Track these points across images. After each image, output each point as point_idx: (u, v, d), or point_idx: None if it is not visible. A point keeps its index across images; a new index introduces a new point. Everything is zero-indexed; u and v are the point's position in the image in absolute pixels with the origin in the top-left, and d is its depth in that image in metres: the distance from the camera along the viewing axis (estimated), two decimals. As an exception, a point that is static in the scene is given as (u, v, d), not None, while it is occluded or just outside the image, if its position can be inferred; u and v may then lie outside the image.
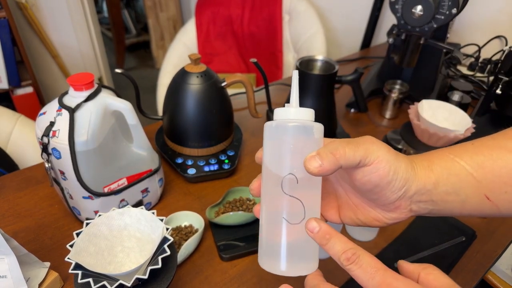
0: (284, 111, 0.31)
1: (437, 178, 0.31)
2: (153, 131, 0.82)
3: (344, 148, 0.28)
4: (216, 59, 1.81)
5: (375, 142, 0.30)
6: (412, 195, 0.31)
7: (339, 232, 0.29)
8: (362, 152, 0.29)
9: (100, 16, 3.38)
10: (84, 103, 0.53)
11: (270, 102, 0.84)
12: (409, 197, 0.31)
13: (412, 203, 0.32)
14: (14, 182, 0.71)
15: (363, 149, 0.29)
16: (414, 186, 0.31)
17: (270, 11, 1.66)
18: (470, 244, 0.62)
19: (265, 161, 0.32)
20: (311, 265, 0.31)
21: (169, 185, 0.72)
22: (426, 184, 0.31)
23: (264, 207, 0.33)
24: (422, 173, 0.31)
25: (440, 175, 0.31)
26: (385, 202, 0.32)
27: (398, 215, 0.33)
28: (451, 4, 0.81)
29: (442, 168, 0.31)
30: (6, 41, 1.62)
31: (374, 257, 0.27)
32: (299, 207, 0.31)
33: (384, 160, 0.29)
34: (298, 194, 0.30)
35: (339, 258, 0.27)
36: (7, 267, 0.45)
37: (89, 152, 0.53)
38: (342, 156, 0.28)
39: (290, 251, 0.31)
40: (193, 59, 0.70)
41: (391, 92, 0.95)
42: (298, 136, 0.31)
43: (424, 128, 0.64)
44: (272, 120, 0.32)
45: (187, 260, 0.58)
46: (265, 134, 0.32)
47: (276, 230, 0.31)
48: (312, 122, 0.31)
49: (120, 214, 0.45)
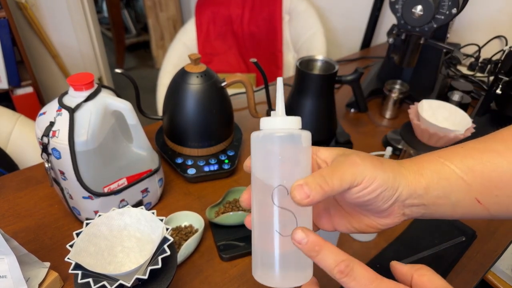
0: (270, 120, 0.30)
1: (428, 183, 0.30)
2: (153, 131, 0.82)
3: (332, 180, 0.28)
4: (216, 59, 1.81)
5: (359, 163, 0.29)
6: (404, 200, 0.31)
7: (328, 242, 0.28)
8: (349, 179, 0.28)
9: (100, 16, 3.38)
10: (84, 103, 0.53)
11: (270, 102, 0.84)
12: (401, 202, 0.31)
13: (405, 208, 0.31)
14: (14, 182, 0.71)
15: (350, 174, 0.28)
16: (405, 192, 0.30)
17: (270, 11, 1.66)
18: (470, 244, 0.62)
19: (254, 171, 0.31)
20: (306, 274, 0.31)
21: (169, 185, 0.72)
22: (417, 189, 0.30)
23: (255, 218, 0.32)
24: (412, 178, 0.31)
25: (430, 179, 0.31)
26: (378, 210, 0.31)
27: (392, 220, 0.32)
28: (451, 4, 0.81)
29: (432, 172, 0.31)
30: (6, 41, 1.62)
31: (368, 268, 0.26)
32: (291, 219, 0.30)
33: (371, 178, 0.29)
34: (289, 205, 0.29)
35: (331, 271, 0.26)
36: (7, 267, 0.45)
37: (89, 152, 0.53)
38: (330, 189, 0.27)
39: (284, 262, 0.30)
40: (193, 59, 0.70)
41: (391, 92, 0.95)
42: (285, 146, 0.30)
43: (424, 128, 0.64)
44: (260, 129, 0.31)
45: (187, 260, 0.58)
46: (252, 144, 0.31)
47: (268, 242, 0.30)
48: (299, 130, 0.30)
49: (120, 214, 0.45)
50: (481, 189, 0.30)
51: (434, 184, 0.30)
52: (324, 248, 0.27)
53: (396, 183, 0.30)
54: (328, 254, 0.27)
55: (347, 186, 0.28)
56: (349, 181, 0.28)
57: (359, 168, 0.29)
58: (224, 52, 1.81)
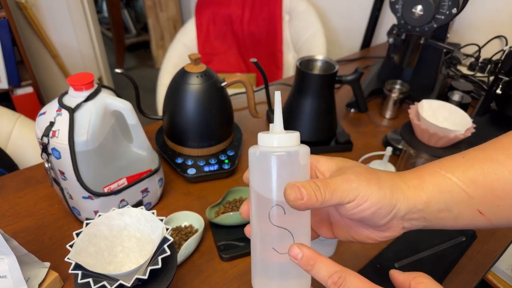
0: (268, 137, 0.30)
1: (429, 197, 0.30)
2: (153, 131, 0.82)
3: (325, 193, 0.28)
4: (216, 59, 1.81)
5: (352, 180, 0.29)
6: (403, 215, 0.31)
7: (322, 255, 0.28)
8: (339, 195, 0.28)
9: (100, 16, 3.38)
10: (84, 103, 0.53)
11: (270, 102, 0.84)
12: (400, 217, 0.31)
13: (404, 222, 0.31)
14: (14, 182, 0.71)
15: (341, 191, 0.28)
16: (404, 207, 0.30)
17: (270, 11, 1.66)
18: (470, 244, 0.62)
19: (252, 185, 0.31)
20: (305, 281, 0.31)
21: (169, 185, 0.72)
22: (417, 204, 0.30)
23: (254, 231, 0.32)
24: (412, 193, 0.31)
25: (432, 193, 0.30)
26: (376, 225, 0.31)
27: (391, 234, 0.32)
28: (451, 4, 0.81)
29: (434, 185, 0.31)
30: (6, 41, 1.62)
31: (361, 277, 0.27)
32: (288, 237, 0.30)
33: (365, 196, 0.29)
34: (286, 223, 0.30)
35: (326, 282, 0.27)
36: (7, 267, 0.45)
37: (89, 152, 0.53)
38: (321, 200, 0.28)
39: (282, 273, 0.31)
40: (193, 59, 0.70)
41: (391, 92, 0.95)
42: (282, 165, 0.29)
43: (424, 128, 0.64)
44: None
45: (187, 260, 0.58)
46: (250, 159, 0.31)
47: (266, 255, 0.31)
48: (297, 146, 0.30)
49: (120, 214, 0.45)
50: (483, 200, 0.30)
51: (435, 198, 0.30)
52: (318, 261, 0.28)
53: (394, 200, 0.30)
54: (322, 266, 0.28)
55: (337, 201, 0.28)
56: (339, 197, 0.28)
57: (352, 185, 0.29)
58: (224, 52, 1.81)
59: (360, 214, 0.29)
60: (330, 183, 0.29)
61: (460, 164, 0.31)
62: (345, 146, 0.84)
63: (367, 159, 0.77)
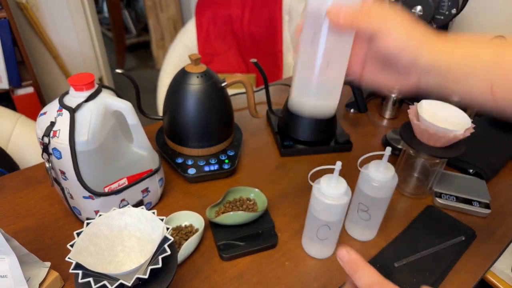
0: None
1: (455, 61, 0.37)
2: (153, 131, 0.82)
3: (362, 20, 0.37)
4: (216, 59, 1.81)
5: (387, 17, 0.37)
6: (423, 66, 0.37)
7: (367, 263, 0.30)
8: (375, 26, 0.37)
9: (100, 16, 3.38)
10: (84, 103, 0.53)
11: (270, 102, 0.84)
12: (419, 66, 0.37)
13: (422, 74, 0.38)
14: (15, 182, 0.71)
15: (377, 22, 0.37)
16: (424, 61, 0.37)
17: (270, 11, 1.66)
18: (470, 244, 0.62)
19: None
20: None
21: (169, 185, 0.72)
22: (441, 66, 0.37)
23: None
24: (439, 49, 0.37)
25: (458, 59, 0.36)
26: (399, 66, 0.39)
27: (407, 82, 0.40)
28: (451, 4, 0.81)
29: (463, 54, 0.36)
30: (6, 41, 1.63)
31: None
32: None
33: (395, 31, 0.36)
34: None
35: None
36: (7, 267, 0.45)
37: (90, 152, 0.54)
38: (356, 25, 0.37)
39: None
40: (193, 59, 0.70)
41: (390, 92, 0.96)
42: None
43: (424, 128, 0.64)
44: None
45: (187, 260, 0.58)
46: None
47: None
48: None
49: (120, 214, 0.45)
50: (500, 73, 0.34)
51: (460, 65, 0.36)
52: (362, 267, 0.30)
53: (419, 49, 0.37)
54: (365, 273, 0.29)
55: (371, 31, 0.37)
56: (375, 27, 0.37)
57: (388, 20, 0.37)
58: (224, 52, 1.81)
59: (389, 44, 0.37)
60: (370, 13, 0.37)
61: (488, 44, 0.38)
62: (344, 146, 0.84)
63: (366, 159, 0.77)
